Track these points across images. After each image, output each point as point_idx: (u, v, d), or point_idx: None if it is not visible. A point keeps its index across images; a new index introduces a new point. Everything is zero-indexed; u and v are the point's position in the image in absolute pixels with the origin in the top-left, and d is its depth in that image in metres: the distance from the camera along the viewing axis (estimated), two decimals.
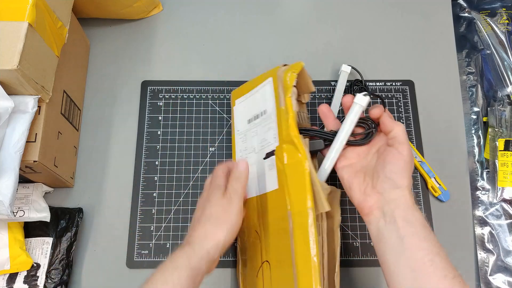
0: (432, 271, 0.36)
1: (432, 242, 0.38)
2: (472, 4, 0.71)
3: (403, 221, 0.40)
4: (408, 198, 0.41)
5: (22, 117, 0.45)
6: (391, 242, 0.40)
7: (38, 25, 0.44)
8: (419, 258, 0.37)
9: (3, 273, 0.51)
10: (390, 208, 0.41)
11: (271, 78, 0.52)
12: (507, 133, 0.60)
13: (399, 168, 0.41)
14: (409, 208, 0.40)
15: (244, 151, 0.54)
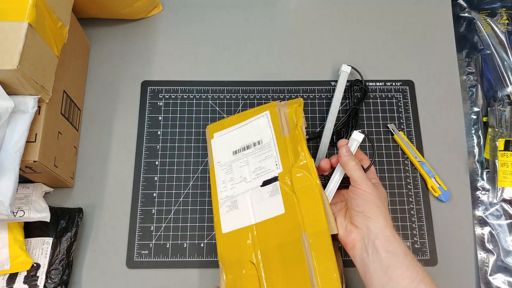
0: None
1: (415, 270, 0.40)
2: (472, 4, 0.71)
3: (385, 252, 0.42)
4: (384, 229, 0.43)
5: (22, 117, 0.45)
6: (375, 273, 0.42)
7: (38, 25, 0.44)
8: (404, 287, 0.40)
9: (3, 273, 0.51)
10: (370, 240, 0.43)
11: (268, 111, 0.55)
12: (507, 133, 0.60)
13: (363, 202, 0.45)
14: (388, 239, 0.43)
15: (230, 181, 0.54)
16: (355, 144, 0.51)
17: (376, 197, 0.45)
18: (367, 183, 0.46)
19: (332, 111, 0.61)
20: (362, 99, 0.63)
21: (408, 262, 0.41)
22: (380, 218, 0.44)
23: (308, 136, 0.60)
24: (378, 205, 0.45)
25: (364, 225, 0.44)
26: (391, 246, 0.42)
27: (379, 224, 0.43)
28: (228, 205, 0.52)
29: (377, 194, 0.45)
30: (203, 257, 0.56)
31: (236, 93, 0.64)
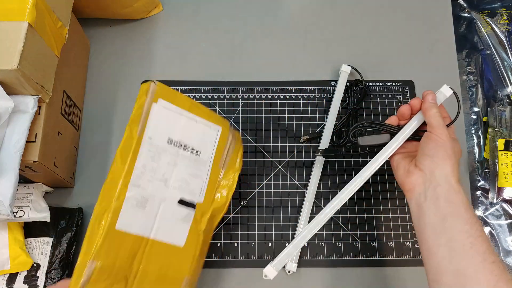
0: (472, 255, 0.36)
1: (474, 226, 0.38)
2: (472, 4, 0.71)
3: (445, 201, 0.40)
4: (450, 177, 0.41)
5: (22, 117, 0.45)
6: (431, 220, 0.40)
7: (38, 25, 0.44)
8: (459, 240, 0.37)
9: (3, 273, 0.51)
10: (432, 185, 0.41)
11: (220, 128, 0.48)
12: (507, 133, 0.60)
13: (435, 146, 0.43)
14: (451, 187, 0.41)
15: (151, 172, 0.43)
16: (442, 97, 0.49)
17: (449, 146, 0.43)
18: (444, 131, 0.44)
19: (332, 111, 0.61)
20: (362, 99, 0.62)
21: (469, 216, 0.39)
22: (448, 166, 0.42)
23: (308, 136, 0.60)
24: (449, 154, 0.42)
25: (428, 169, 0.42)
26: (453, 196, 0.40)
27: (445, 171, 0.41)
28: (137, 198, 0.42)
29: (451, 144, 0.43)
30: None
31: (236, 93, 0.64)
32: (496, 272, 0.35)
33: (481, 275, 0.35)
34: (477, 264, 0.36)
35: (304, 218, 0.56)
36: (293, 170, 0.60)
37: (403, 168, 0.45)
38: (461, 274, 0.36)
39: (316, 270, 0.55)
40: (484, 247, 0.37)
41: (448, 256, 0.38)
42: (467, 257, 0.37)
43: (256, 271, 0.55)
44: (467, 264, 0.36)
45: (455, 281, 0.36)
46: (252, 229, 0.57)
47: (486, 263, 0.36)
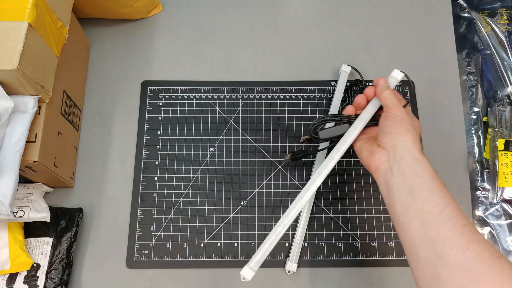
0: (441, 222, 0.36)
1: (442, 194, 0.38)
2: (472, 4, 0.71)
3: (411, 174, 0.40)
4: (412, 149, 0.41)
5: (22, 117, 0.45)
6: (399, 194, 0.40)
7: (38, 25, 0.44)
8: (428, 210, 0.37)
9: (3, 273, 0.51)
10: (396, 160, 0.41)
11: None
12: (507, 133, 0.60)
13: (393, 123, 0.44)
14: (415, 159, 0.41)
15: None
16: (394, 81, 0.50)
17: (407, 121, 0.43)
18: (400, 108, 0.45)
19: (332, 111, 0.61)
20: None
21: (435, 186, 0.39)
22: (408, 139, 0.42)
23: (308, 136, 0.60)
24: (408, 128, 0.43)
25: (390, 145, 0.43)
26: (418, 167, 0.40)
27: (406, 144, 0.42)
28: None
29: (409, 119, 0.44)
30: (203, 257, 0.56)
31: (236, 93, 0.64)
32: (467, 235, 0.35)
33: (453, 239, 0.35)
34: (447, 230, 0.36)
35: (304, 218, 0.56)
36: (293, 170, 0.60)
37: (367, 150, 0.45)
38: (434, 242, 0.36)
39: (316, 270, 0.55)
40: (453, 213, 0.37)
41: (420, 227, 0.37)
42: (437, 225, 0.37)
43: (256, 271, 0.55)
44: (438, 232, 0.36)
45: (429, 250, 0.36)
46: (252, 229, 0.57)
47: (456, 228, 0.36)
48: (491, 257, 0.34)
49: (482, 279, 0.33)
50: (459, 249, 0.35)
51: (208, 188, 0.59)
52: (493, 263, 0.33)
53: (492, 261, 0.33)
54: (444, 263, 0.35)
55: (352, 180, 0.59)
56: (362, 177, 0.59)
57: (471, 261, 0.34)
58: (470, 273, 0.33)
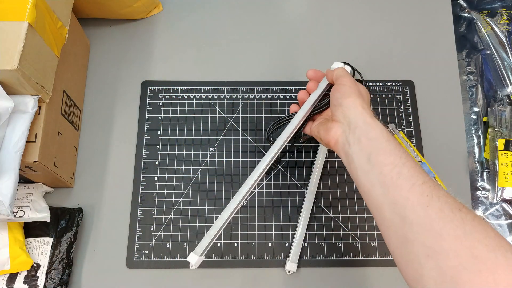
0: (400, 183, 0.36)
1: (398, 155, 0.38)
2: (472, 4, 0.71)
3: (366, 139, 0.40)
4: (363, 115, 0.41)
5: (22, 117, 0.45)
6: (359, 162, 0.40)
7: (38, 25, 0.44)
8: (387, 173, 0.37)
9: (3, 273, 0.51)
10: (351, 129, 0.41)
11: None
12: (507, 133, 0.60)
13: (342, 95, 0.44)
14: (367, 124, 0.41)
15: None
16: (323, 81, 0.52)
17: (354, 89, 0.44)
18: (348, 77, 0.45)
19: None
20: None
21: (391, 148, 0.39)
22: (358, 106, 0.42)
23: (309, 136, 0.60)
24: (357, 95, 0.43)
25: (342, 117, 0.43)
26: (372, 132, 0.40)
27: (357, 111, 0.42)
28: None
29: (356, 87, 0.44)
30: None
31: (236, 93, 0.64)
32: (427, 192, 0.35)
33: (413, 199, 0.35)
34: (407, 191, 0.36)
35: (304, 218, 0.56)
36: (293, 170, 0.60)
37: (323, 130, 0.45)
38: (396, 204, 0.36)
39: (316, 270, 0.55)
40: (411, 172, 0.37)
41: (381, 191, 0.37)
42: (397, 188, 0.36)
43: (256, 271, 0.55)
44: (399, 194, 0.36)
45: (393, 213, 0.36)
46: (252, 229, 0.57)
47: (415, 187, 0.36)
48: (451, 211, 0.33)
49: (444, 234, 0.32)
50: (420, 208, 0.34)
51: (208, 188, 0.59)
52: (454, 217, 0.33)
53: (453, 215, 0.33)
54: (408, 224, 0.35)
55: (352, 180, 0.59)
56: None
57: (432, 219, 0.33)
58: (432, 230, 0.33)
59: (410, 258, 0.34)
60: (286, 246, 0.56)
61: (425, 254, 0.33)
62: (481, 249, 0.31)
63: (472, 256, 0.31)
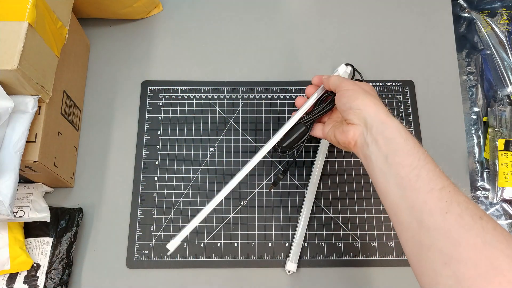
0: (419, 187, 0.35)
1: (416, 156, 0.37)
2: (472, 4, 0.71)
3: (383, 139, 0.39)
4: (378, 114, 0.40)
5: (22, 117, 0.45)
6: (377, 163, 0.39)
7: (38, 25, 0.44)
8: (405, 175, 0.36)
9: (3, 273, 0.51)
10: (368, 130, 0.40)
11: None
12: (507, 133, 0.60)
13: (347, 99, 0.43)
14: (383, 123, 0.39)
15: None
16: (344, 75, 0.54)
17: (359, 89, 0.43)
18: (347, 81, 0.45)
19: None
20: None
21: (409, 148, 0.37)
22: (370, 105, 0.41)
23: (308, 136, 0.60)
24: (365, 95, 0.42)
25: (358, 119, 0.41)
26: (389, 131, 0.39)
27: (371, 111, 0.41)
28: None
29: (359, 87, 0.44)
30: (203, 257, 0.56)
31: (236, 93, 0.64)
32: (446, 197, 0.34)
33: (431, 204, 0.34)
34: (425, 195, 0.35)
35: (304, 218, 0.56)
36: (293, 170, 0.60)
37: (339, 132, 0.44)
38: (413, 208, 0.35)
39: (316, 270, 0.55)
40: (429, 175, 0.36)
41: (399, 194, 0.36)
42: (415, 191, 0.36)
43: (256, 271, 0.55)
44: (417, 198, 0.35)
45: (410, 217, 0.35)
46: (252, 229, 0.57)
47: (434, 192, 0.35)
48: (472, 218, 0.32)
49: (463, 243, 0.31)
50: (439, 214, 0.33)
51: (208, 188, 0.59)
52: (474, 225, 0.32)
53: (473, 223, 0.32)
54: (425, 229, 0.34)
55: (352, 180, 0.59)
56: (362, 177, 0.59)
57: (451, 225, 0.33)
58: (450, 237, 0.32)
59: (426, 264, 0.33)
60: (286, 246, 0.56)
61: (442, 261, 0.32)
62: (502, 260, 0.30)
63: (492, 267, 0.30)
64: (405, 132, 0.39)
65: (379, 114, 0.40)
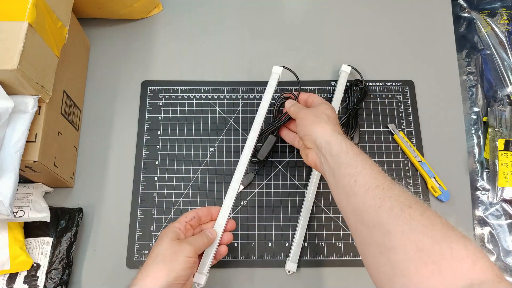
0: (356, 191, 0.39)
1: (354, 165, 0.41)
2: (472, 4, 0.71)
3: (330, 156, 0.43)
4: (323, 135, 0.45)
5: (22, 117, 0.45)
6: (330, 179, 0.44)
7: (38, 25, 0.44)
8: (346, 184, 0.40)
9: (3, 273, 0.51)
10: (319, 151, 0.45)
11: None
12: (507, 133, 0.60)
13: (302, 127, 0.48)
14: (328, 143, 0.44)
15: None
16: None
17: (312, 116, 0.48)
18: (301, 111, 0.50)
19: None
20: (362, 99, 0.63)
21: (348, 160, 0.41)
22: (318, 129, 0.46)
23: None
24: (313, 121, 0.47)
25: (311, 143, 0.47)
26: (333, 149, 0.43)
27: (318, 134, 0.45)
28: None
29: (312, 114, 0.48)
30: None
31: (236, 93, 0.64)
32: (379, 195, 0.37)
33: (367, 203, 0.37)
34: (362, 197, 0.38)
35: (304, 218, 0.56)
36: (293, 170, 0.60)
37: (304, 155, 0.50)
38: (355, 211, 0.39)
39: (316, 270, 0.55)
40: (365, 179, 0.39)
41: (345, 201, 0.40)
42: (354, 195, 0.39)
43: (256, 271, 0.55)
44: (356, 201, 0.38)
45: (355, 220, 0.39)
46: (252, 229, 0.57)
47: (368, 192, 0.38)
48: (401, 209, 0.35)
49: (392, 231, 0.34)
50: (373, 211, 0.37)
51: (208, 188, 0.59)
52: (401, 214, 0.35)
53: (401, 212, 0.35)
54: (366, 227, 0.37)
55: None
56: None
57: (383, 218, 0.36)
58: (383, 229, 0.35)
59: (369, 259, 0.37)
60: (286, 246, 0.56)
61: (379, 252, 0.35)
62: (426, 242, 0.32)
63: (417, 249, 0.32)
64: (347, 145, 0.43)
65: (324, 135, 0.45)
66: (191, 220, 0.46)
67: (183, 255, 0.42)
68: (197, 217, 0.47)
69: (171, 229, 0.44)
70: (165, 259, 0.41)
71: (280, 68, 0.59)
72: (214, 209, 0.49)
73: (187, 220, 0.46)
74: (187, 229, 0.46)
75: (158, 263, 0.41)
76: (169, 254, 0.41)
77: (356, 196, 0.39)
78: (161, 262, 0.41)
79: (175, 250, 0.42)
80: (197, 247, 0.44)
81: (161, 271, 0.40)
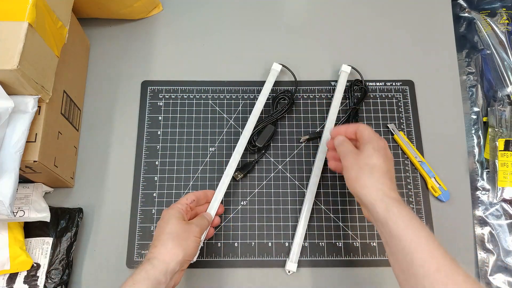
0: (414, 271, 0.38)
1: (405, 238, 0.39)
2: (472, 4, 0.71)
3: (378, 222, 0.42)
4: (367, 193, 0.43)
5: (22, 117, 0.45)
6: (385, 246, 0.43)
7: (38, 25, 0.44)
8: (402, 260, 0.39)
9: (3, 273, 0.51)
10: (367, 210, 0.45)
11: None
12: (507, 133, 0.60)
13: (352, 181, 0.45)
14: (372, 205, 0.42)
15: None
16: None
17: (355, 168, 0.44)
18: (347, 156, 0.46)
19: (332, 111, 0.61)
20: (362, 99, 0.63)
21: (399, 231, 0.39)
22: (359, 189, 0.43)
23: (308, 136, 0.60)
24: (356, 176, 0.44)
25: (359, 200, 0.45)
26: (380, 216, 0.41)
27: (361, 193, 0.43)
28: None
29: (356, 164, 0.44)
30: (203, 257, 0.56)
31: (236, 93, 0.64)
32: (441, 282, 0.36)
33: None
34: (420, 279, 0.37)
35: (304, 218, 0.56)
36: (293, 170, 0.60)
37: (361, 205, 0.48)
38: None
39: (316, 270, 0.55)
40: (424, 258, 0.38)
41: (402, 275, 0.40)
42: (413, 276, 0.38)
43: (256, 271, 0.55)
44: (415, 282, 0.38)
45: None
46: (252, 229, 0.57)
47: (429, 277, 0.37)
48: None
49: None
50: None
51: (208, 188, 0.59)
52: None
53: None
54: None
55: None
56: None
57: None
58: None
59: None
60: (286, 246, 0.56)
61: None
62: None
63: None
64: (393, 212, 0.40)
65: (367, 196, 0.42)
66: (191, 203, 0.50)
67: (193, 235, 0.46)
68: (196, 200, 0.51)
69: (176, 210, 0.47)
70: (179, 237, 0.45)
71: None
72: (209, 193, 0.54)
73: (188, 203, 0.49)
74: (187, 211, 0.49)
75: (173, 240, 0.44)
76: (182, 233, 0.45)
77: (416, 278, 0.37)
78: (176, 240, 0.44)
79: (186, 230, 0.46)
80: (202, 228, 0.48)
81: (177, 248, 0.44)
